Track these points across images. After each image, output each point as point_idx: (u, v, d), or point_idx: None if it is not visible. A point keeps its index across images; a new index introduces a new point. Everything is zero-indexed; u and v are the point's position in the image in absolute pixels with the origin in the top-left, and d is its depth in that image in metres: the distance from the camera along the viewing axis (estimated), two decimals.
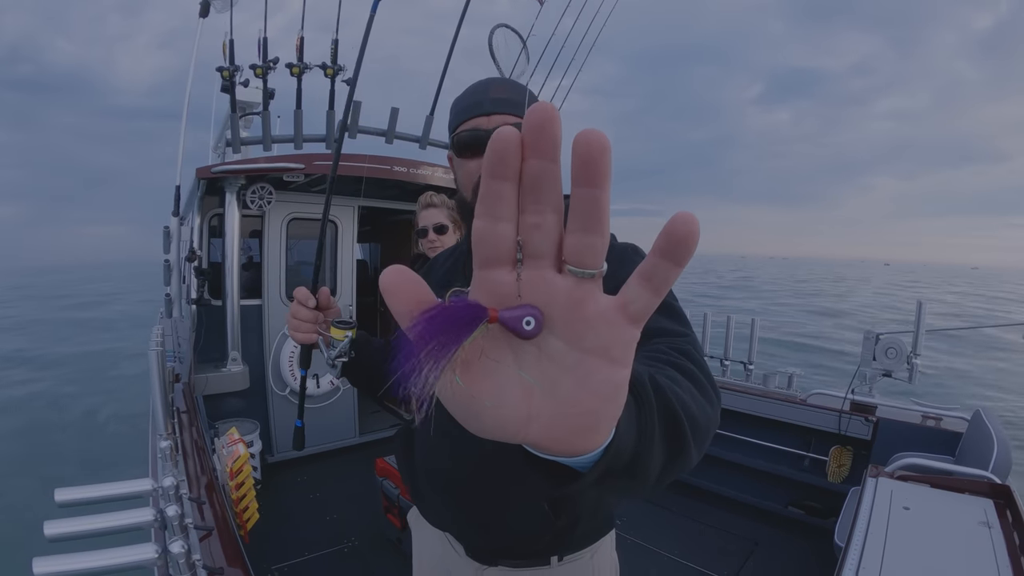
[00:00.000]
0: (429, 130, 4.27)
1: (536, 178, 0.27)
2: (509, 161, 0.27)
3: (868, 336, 3.28)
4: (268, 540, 2.90)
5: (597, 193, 0.27)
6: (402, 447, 1.13)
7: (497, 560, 1.01)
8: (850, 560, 1.50)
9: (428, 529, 1.12)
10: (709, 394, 0.58)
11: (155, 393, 1.96)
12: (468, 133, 0.92)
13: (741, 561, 2.91)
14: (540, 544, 0.97)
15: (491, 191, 0.28)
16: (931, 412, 3.05)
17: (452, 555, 1.06)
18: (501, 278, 0.30)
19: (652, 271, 0.28)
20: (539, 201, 0.28)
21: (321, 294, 1.10)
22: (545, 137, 0.26)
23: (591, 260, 0.28)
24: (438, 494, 1.03)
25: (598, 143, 0.26)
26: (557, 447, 0.32)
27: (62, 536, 1.17)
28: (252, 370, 3.74)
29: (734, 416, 3.59)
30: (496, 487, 0.93)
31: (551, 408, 0.31)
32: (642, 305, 0.29)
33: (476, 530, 1.00)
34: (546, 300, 0.29)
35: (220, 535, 1.42)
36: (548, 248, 0.29)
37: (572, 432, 0.31)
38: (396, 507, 2.70)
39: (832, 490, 3.12)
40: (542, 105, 0.26)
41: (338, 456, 4.19)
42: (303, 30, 3.75)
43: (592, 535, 1.02)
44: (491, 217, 0.28)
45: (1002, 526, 1.66)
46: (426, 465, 1.03)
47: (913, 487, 1.97)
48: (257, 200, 3.66)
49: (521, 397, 0.31)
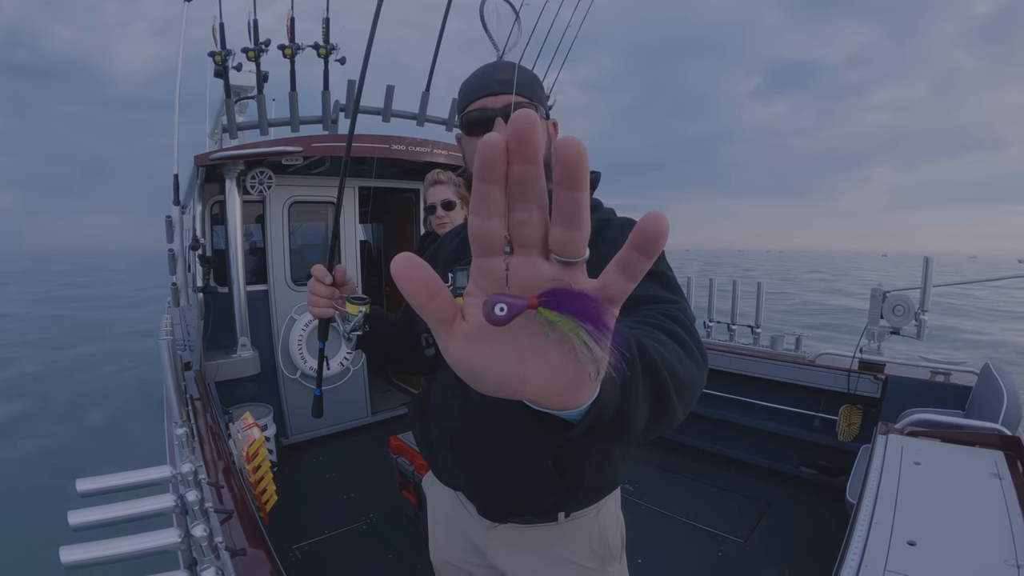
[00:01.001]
0: (426, 107, 4.23)
1: (521, 181, 0.31)
2: (496, 166, 0.30)
3: (875, 294, 3.26)
4: (287, 521, 2.95)
5: (576, 195, 0.30)
6: (417, 413, 1.19)
7: (507, 517, 1.07)
8: (862, 516, 1.51)
9: (442, 491, 1.20)
10: (695, 355, 0.62)
11: (168, 381, 1.98)
12: (477, 112, 0.97)
13: (754, 522, 2.94)
14: (547, 501, 1.02)
15: (482, 192, 0.31)
16: (940, 367, 3.04)
17: (464, 514, 1.14)
18: (495, 265, 0.34)
19: (627, 261, 0.32)
20: (525, 200, 0.31)
21: (337, 271, 1.16)
22: (526, 143, 0.30)
23: (573, 251, 0.32)
24: (449, 452, 1.09)
25: (575, 151, 0.29)
26: (550, 403, 0.37)
27: (86, 525, 1.19)
28: (262, 355, 3.76)
29: (743, 379, 3.60)
30: (503, 443, 0.98)
31: (542, 371, 0.36)
32: (618, 289, 0.33)
33: (485, 487, 1.07)
34: (533, 281, 0.33)
35: (240, 518, 1.44)
36: (535, 239, 0.33)
37: (561, 391, 0.36)
38: (411, 484, 2.74)
39: (843, 449, 3.14)
40: (524, 113, 0.29)
41: (352, 436, 4.25)
42: (292, 11, 3.70)
43: (597, 493, 1.07)
44: (483, 215, 0.32)
45: (1013, 477, 1.67)
46: (439, 422, 1.09)
47: (923, 442, 1.98)
48: (257, 185, 3.64)
49: (516, 362, 0.36)
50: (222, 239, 3.84)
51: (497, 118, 0.94)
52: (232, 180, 3.56)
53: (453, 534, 1.19)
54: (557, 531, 1.05)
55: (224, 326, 3.75)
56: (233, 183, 3.57)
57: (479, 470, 1.04)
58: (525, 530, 1.06)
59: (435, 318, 0.35)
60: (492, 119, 0.95)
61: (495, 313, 0.32)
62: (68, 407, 7.59)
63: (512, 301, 0.32)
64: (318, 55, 3.77)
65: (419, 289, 0.34)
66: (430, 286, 0.34)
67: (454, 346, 0.36)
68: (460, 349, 0.36)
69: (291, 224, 4.01)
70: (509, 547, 1.08)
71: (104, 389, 8.60)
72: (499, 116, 0.94)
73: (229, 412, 3.26)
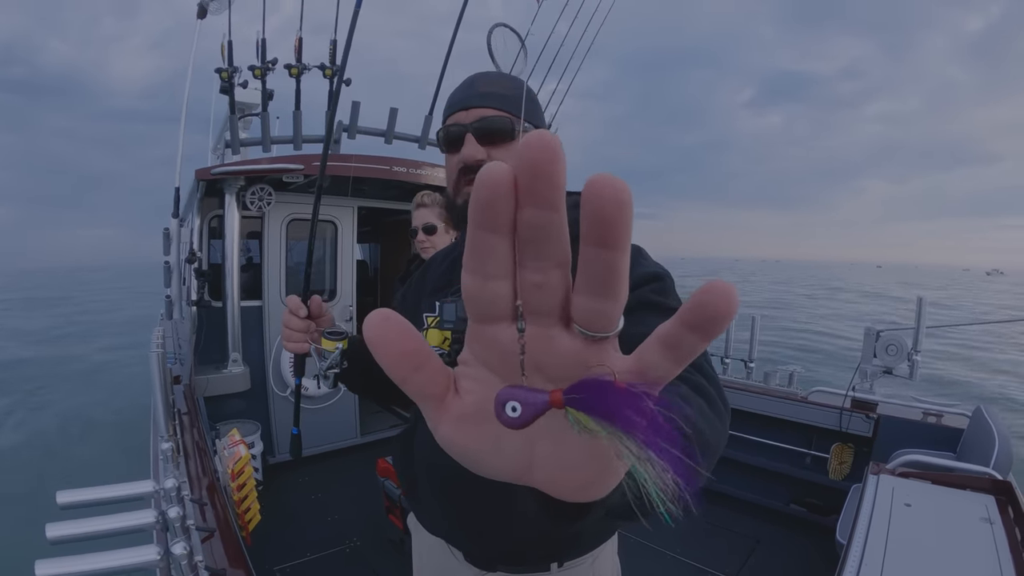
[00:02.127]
0: (428, 130, 4.27)
1: (535, 231, 0.23)
2: (499, 210, 0.23)
3: (869, 333, 3.28)
4: (270, 541, 2.90)
5: (612, 256, 0.23)
6: (401, 448, 1.11)
7: (495, 566, 0.98)
8: (852, 557, 1.50)
9: (427, 534, 1.10)
10: (719, 408, 0.57)
11: (156, 395, 1.96)
12: (450, 128, 0.91)
13: (743, 559, 2.91)
14: (540, 550, 0.95)
15: (479, 244, 0.24)
16: (932, 409, 3.04)
17: (451, 560, 1.04)
18: (498, 335, 0.27)
19: (677, 342, 0.24)
20: (540, 257, 0.24)
21: (312, 303, 1.09)
22: (544, 182, 0.22)
23: (603, 325, 0.25)
24: (435, 494, 1.00)
25: (614, 199, 0.21)
26: (560, 495, 0.30)
27: (64, 539, 1.17)
28: (253, 371, 3.74)
29: (735, 414, 3.57)
30: (495, 488, 0.91)
31: (554, 463, 0.28)
32: (662, 374, 0.25)
33: (473, 535, 0.98)
34: (552, 360, 0.26)
35: (222, 536, 1.42)
36: (553, 306, 0.25)
37: (577, 488, 0.29)
38: (398, 507, 2.70)
39: (834, 487, 3.12)
40: (540, 139, 0.21)
41: (339, 457, 4.19)
42: (301, 31, 3.75)
43: (594, 541, 0.99)
44: (480, 275, 0.25)
45: (1004, 522, 1.66)
46: (427, 460, 1.01)
47: (914, 484, 1.97)
48: (257, 201, 3.65)
49: (521, 448, 0.29)
50: (218, 253, 3.84)
51: (467, 133, 0.88)
52: (232, 195, 3.58)
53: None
54: None
55: (216, 341, 3.73)
56: (233, 198, 3.58)
57: (466, 516, 0.95)
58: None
59: (420, 394, 0.28)
60: (463, 135, 0.89)
61: (507, 414, 0.25)
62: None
63: (529, 397, 0.25)
64: (324, 76, 3.82)
65: (398, 360, 0.27)
66: (411, 356, 0.27)
67: (443, 430, 0.29)
68: (451, 434, 0.29)
69: (289, 241, 4.01)
70: None
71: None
72: (468, 132, 0.88)
73: (217, 428, 3.23)
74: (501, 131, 0.88)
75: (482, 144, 0.88)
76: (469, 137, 0.88)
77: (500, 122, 0.88)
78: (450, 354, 0.92)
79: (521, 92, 0.92)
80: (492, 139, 0.88)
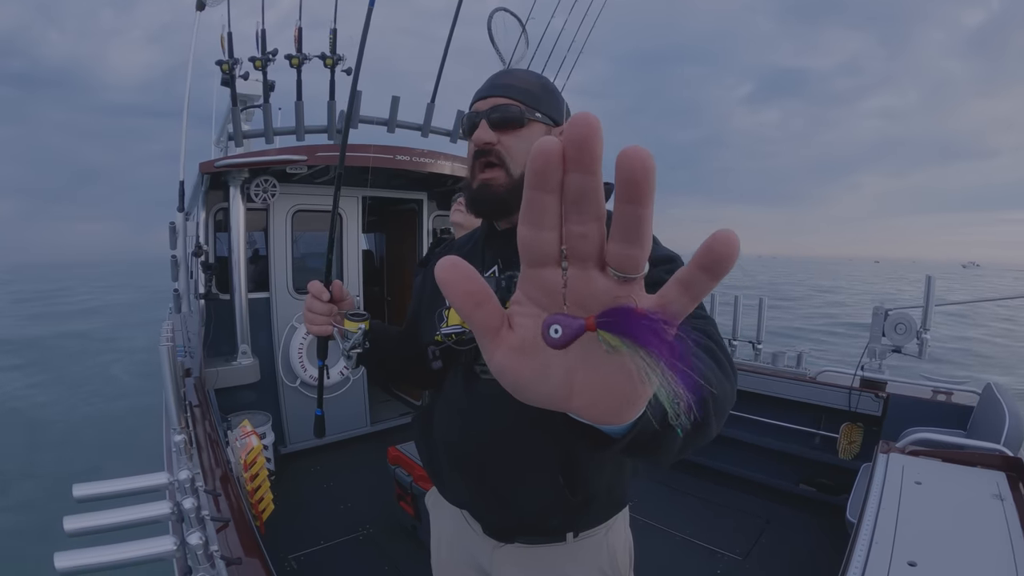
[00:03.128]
0: (431, 118, 4.25)
1: (579, 192, 0.28)
2: (550, 175, 0.28)
3: (877, 312, 3.26)
4: (284, 530, 2.93)
5: (639, 210, 0.28)
6: (421, 427, 1.16)
7: (513, 537, 1.05)
8: (862, 536, 1.50)
9: (446, 509, 1.16)
10: (727, 371, 0.63)
11: (167, 388, 1.98)
12: (469, 115, 0.99)
13: (754, 539, 2.92)
14: (555, 521, 1.00)
15: (534, 202, 0.30)
16: (941, 387, 3.03)
17: (469, 533, 1.11)
18: (547, 277, 0.32)
19: (691, 281, 0.29)
20: (582, 212, 0.29)
21: (334, 287, 1.12)
22: (586, 153, 0.27)
23: (632, 267, 0.30)
24: (455, 469, 1.06)
25: (641, 164, 0.27)
26: (596, 419, 0.36)
27: (82, 531, 1.19)
28: (262, 363, 3.76)
29: (744, 396, 3.58)
30: (510, 461, 0.97)
31: (592, 387, 0.34)
32: (679, 308, 0.30)
33: (492, 506, 1.03)
34: (590, 296, 0.31)
35: (236, 526, 1.43)
36: (592, 252, 0.30)
37: (610, 410, 0.34)
38: (409, 495, 2.73)
39: (843, 467, 3.13)
40: (584, 119, 0.27)
41: (350, 445, 4.23)
42: (300, 20, 3.73)
43: (606, 512, 1.05)
44: (535, 226, 0.30)
45: (1014, 498, 1.66)
46: (445, 438, 1.07)
47: (924, 462, 1.97)
48: (261, 193, 3.66)
49: (564, 376, 0.34)
50: (225, 246, 3.85)
51: (482, 120, 0.96)
52: (236, 188, 3.58)
53: (456, 553, 1.16)
54: (566, 551, 1.03)
55: (225, 333, 3.75)
56: (237, 191, 3.59)
57: (485, 488, 1.02)
58: (533, 550, 1.04)
59: (480, 328, 0.35)
60: (478, 121, 0.96)
61: (550, 335, 0.30)
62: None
63: (569, 322, 0.30)
64: (324, 65, 3.80)
65: (463, 298, 0.33)
66: (475, 294, 0.33)
67: (498, 358, 0.35)
68: (505, 362, 0.35)
69: (294, 232, 4.02)
70: (516, 567, 1.05)
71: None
72: (483, 118, 0.96)
73: (228, 420, 3.26)
74: (511, 118, 0.95)
75: (494, 129, 0.95)
76: (483, 123, 0.95)
77: (511, 110, 0.95)
78: (471, 331, 0.96)
79: (536, 86, 0.99)
80: (503, 125, 0.95)
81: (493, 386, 1.03)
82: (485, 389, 0.97)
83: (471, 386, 1.00)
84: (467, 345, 0.98)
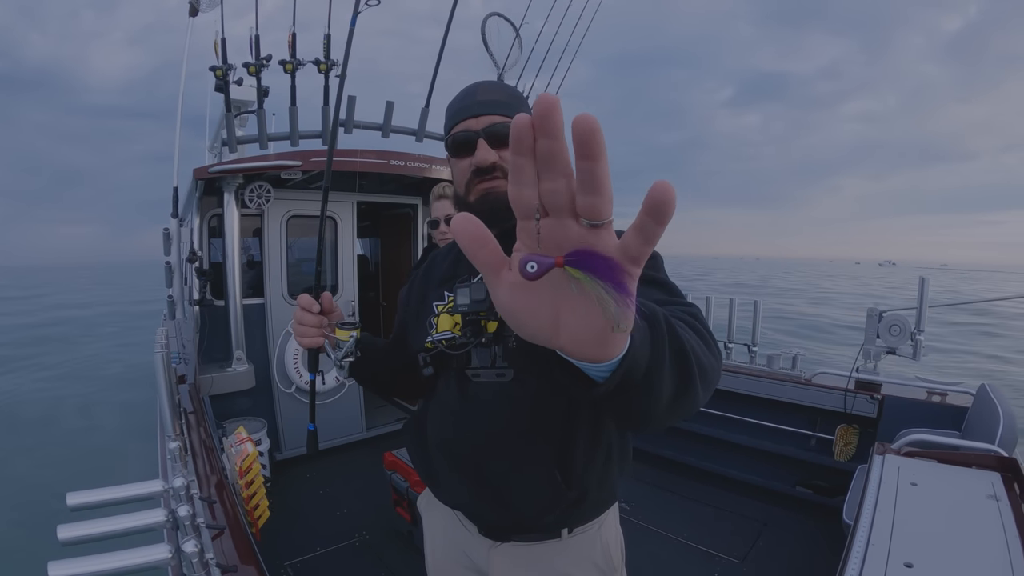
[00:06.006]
0: (425, 123, 4.26)
1: (546, 154, 0.35)
2: (525, 141, 0.35)
3: (871, 314, 3.27)
4: (280, 537, 2.92)
5: (593, 165, 0.34)
6: (414, 431, 1.17)
7: (509, 536, 1.06)
8: (859, 537, 1.50)
9: (440, 511, 1.17)
10: (713, 348, 0.67)
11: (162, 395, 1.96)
12: (460, 134, 0.98)
13: (750, 542, 2.92)
14: (550, 518, 1.02)
15: (516, 165, 0.37)
16: (936, 388, 3.04)
17: (464, 534, 1.12)
18: (532, 225, 0.39)
19: (642, 226, 0.35)
20: (551, 171, 0.36)
21: (324, 299, 1.15)
22: (550, 122, 0.34)
23: (596, 215, 0.36)
24: (450, 469, 1.07)
25: (588, 127, 0.32)
26: (582, 353, 0.43)
27: (76, 540, 1.18)
28: (257, 369, 3.75)
29: (740, 398, 3.59)
30: (504, 458, 0.98)
31: (575, 321, 0.41)
32: (636, 249, 0.36)
33: (488, 505, 1.04)
34: (565, 240, 0.38)
35: (232, 533, 1.43)
36: (564, 204, 0.37)
37: (590, 342, 0.42)
38: (405, 500, 2.72)
39: (839, 469, 3.13)
40: (546, 96, 0.33)
41: (346, 451, 4.21)
42: (294, 26, 3.73)
43: (598, 508, 1.08)
44: (518, 184, 0.38)
45: (1010, 499, 1.66)
46: (439, 438, 1.07)
47: (920, 463, 1.97)
48: (256, 199, 3.65)
49: (551, 312, 0.42)
50: (219, 252, 3.84)
51: (479, 139, 0.96)
52: (231, 193, 3.57)
53: (452, 554, 1.17)
54: (561, 547, 1.05)
55: (220, 339, 3.74)
56: (232, 196, 3.58)
57: (480, 487, 1.03)
58: (529, 548, 1.05)
59: (485, 265, 0.42)
60: (475, 140, 0.97)
61: (527, 270, 0.37)
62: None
63: (541, 260, 0.37)
64: (319, 71, 3.80)
65: (471, 240, 0.41)
66: (479, 238, 0.41)
67: (501, 292, 0.43)
68: (507, 296, 0.42)
69: (289, 238, 4.01)
70: (513, 565, 1.07)
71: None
72: (480, 137, 0.96)
73: (223, 426, 3.24)
74: (508, 135, 0.94)
75: (492, 147, 0.97)
76: (481, 142, 0.96)
77: (507, 127, 0.94)
78: (462, 336, 0.99)
79: (514, 98, 1.03)
80: (502, 142, 0.96)
81: (487, 389, 1.03)
82: (479, 392, 0.98)
83: (465, 390, 1.01)
84: (459, 350, 0.99)
